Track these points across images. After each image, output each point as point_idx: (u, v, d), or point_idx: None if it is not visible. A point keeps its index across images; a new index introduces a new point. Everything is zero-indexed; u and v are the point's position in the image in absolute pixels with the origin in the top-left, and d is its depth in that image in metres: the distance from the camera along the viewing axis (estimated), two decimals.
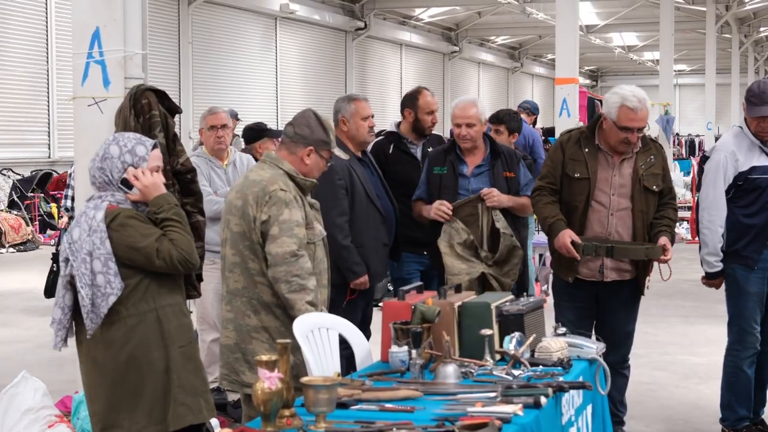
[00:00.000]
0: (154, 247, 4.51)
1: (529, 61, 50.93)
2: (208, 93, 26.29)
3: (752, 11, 36.74)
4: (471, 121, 6.82)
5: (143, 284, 4.58)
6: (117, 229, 4.51)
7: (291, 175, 5.39)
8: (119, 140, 4.69)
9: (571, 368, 4.74)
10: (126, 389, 4.55)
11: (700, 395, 8.42)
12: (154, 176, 4.67)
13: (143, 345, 4.57)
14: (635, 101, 6.33)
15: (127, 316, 4.55)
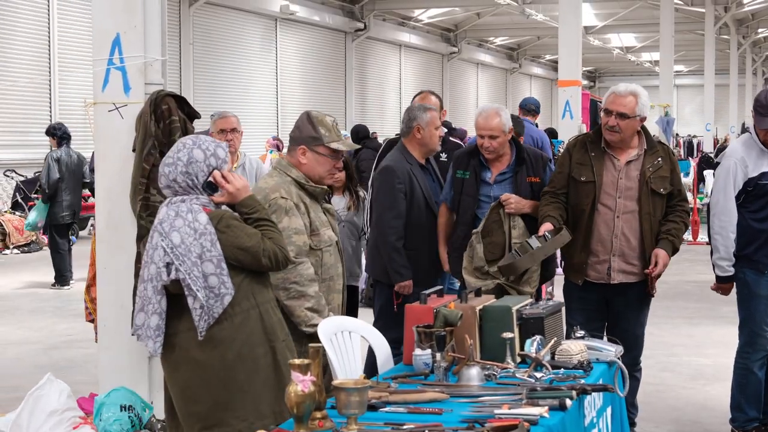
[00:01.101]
0: (261, 246, 4.60)
1: (528, 61, 51.03)
2: (209, 93, 26.35)
3: (751, 12, 36.86)
4: (494, 133, 6.67)
5: (245, 282, 4.65)
6: (224, 230, 4.58)
7: (300, 182, 5.45)
8: (200, 144, 4.70)
9: (591, 371, 4.83)
10: (234, 387, 4.60)
11: (708, 396, 8.50)
12: (242, 179, 4.74)
13: (249, 342, 4.64)
14: (622, 88, 6.52)
15: (233, 314, 4.61)
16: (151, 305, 4.59)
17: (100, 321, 6.32)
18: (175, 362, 4.68)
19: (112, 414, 5.78)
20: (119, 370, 6.19)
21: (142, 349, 6.14)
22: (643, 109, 6.50)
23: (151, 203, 5.91)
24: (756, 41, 43.42)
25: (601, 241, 6.54)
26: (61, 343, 10.97)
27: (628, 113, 6.46)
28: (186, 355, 4.63)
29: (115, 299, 6.17)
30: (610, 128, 6.50)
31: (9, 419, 5.83)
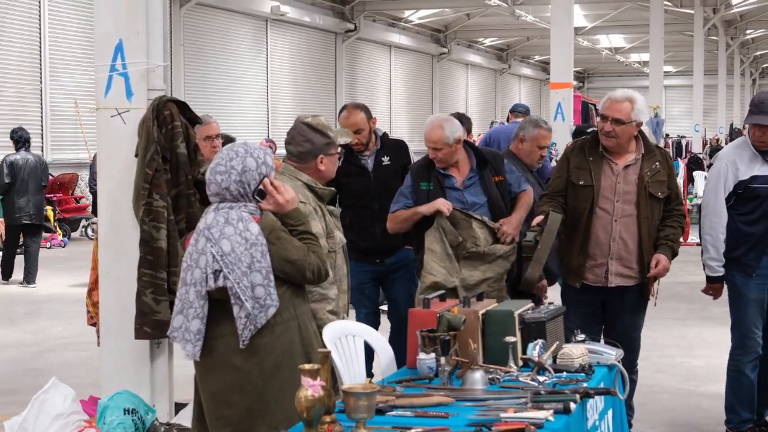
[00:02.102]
0: (306, 260, 4.66)
1: (517, 62, 51.14)
2: (200, 94, 26.36)
3: (739, 14, 37.03)
4: (437, 146, 6.58)
5: (287, 294, 4.70)
6: (274, 242, 4.62)
7: (310, 186, 5.51)
8: (251, 152, 4.72)
9: (593, 374, 4.90)
10: (269, 395, 4.64)
11: (702, 397, 8.57)
12: (291, 191, 4.78)
13: (288, 352, 4.68)
14: (619, 94, 6.59)
15: (274, 324, 4.65)
16: (193, 309, 4.62)
17: (103, 325, 6.35)
18: (212, 366, 4.70)
19: (116, 417, 5.81)
20: (122, 374, 6.21)
21: (145, 353, 6.20)
22: (639, 115, 6.55)
23: (153, 208, 5.94)
24: (744, 42, 43.61)
25: (599, 244, 6.61)
26: (57, 346, 11.00)
27: (624, 119, 6.51)
28: (224, 359, 4.66)
29: (117, 303, 6.20)
30: (606, 133, 6.57)
31: (15, 423, 5.86)
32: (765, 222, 6.91)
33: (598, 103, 17.41)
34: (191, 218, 6.02)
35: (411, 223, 6.70)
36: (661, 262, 6.54)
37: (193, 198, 6.15)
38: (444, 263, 6.49)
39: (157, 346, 6.22)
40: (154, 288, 5.92)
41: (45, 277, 16.03)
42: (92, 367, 9.47)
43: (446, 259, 6.50)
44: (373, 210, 7.23)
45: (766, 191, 6.88)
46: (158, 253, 5.92)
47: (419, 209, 6.59)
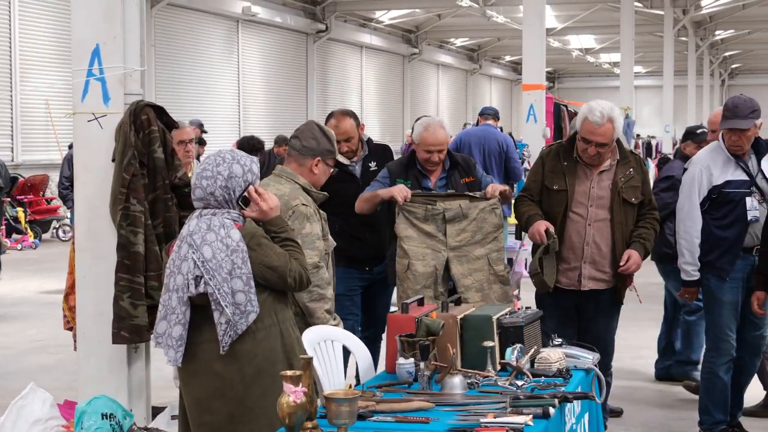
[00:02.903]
0: (288, 266, 4.68)
1: (488, 62, 51.25)
2: (171, 95, 26.28)
3: (708, 15, 37.24)
4: (442, 147, 6.74)
5: (268, 300, 4.73)
6: (255, 248, 4.66)
7: (306, 189, 5.64)
8: (237, 159, 4.77)
9: (570, 378, 4.94)
10: (251, 401, 4.69)
11: (676, 398, 8.64)
12: (275, 198, 4.80)
13: (269, 358, 4.72)
14: (598, 117, 6.43)
15: (255, 330, 4.69)
16: (175, 315, 4.66)
17: (79, 329, 6.34)
18: (194, 372, 4.75)
19: (94, 422, 5.80)
20: (99, 379, 6.20)
21: (122, 357, 6.19)
22: (619, 130, 6.55)
23: (131, 213, 5.93)
24: (713, 43, 43.87)
25: (572, 248, 6.65)
26: (31, 349, 10.96)
27: (608, 142, 6.53)
28: (206, 366, 4.71)
29: (94, 308, 6.19)
30: (590, 156, 6.58)
31: None
32: (739, 226, 6.97)
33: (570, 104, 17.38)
34: (168, 223, 6.03)
35: (371, 204, 6.80)
36: (632, 257, 6.58)
37: (170, 203, 6.15)
38: (426, 242, 6.57)
39: (135, 351, 6.21)
40: (132, 293, 5.91)
41: (16, 279, 15.96)
42: (67, 371, 9.45)
43: (426, 237, 6.57)
44: (362, 218, 7.22)
45: (739, 196, 6.95)
46: (136, 258, 5.92)
47: (378, 192, 6.71)
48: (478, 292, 6.55)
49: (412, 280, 6.51)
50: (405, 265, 6.55)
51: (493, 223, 6.61)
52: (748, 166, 7.01)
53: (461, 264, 6.56)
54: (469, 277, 6.55)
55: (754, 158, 7.05)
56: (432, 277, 6.52)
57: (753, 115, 6.86)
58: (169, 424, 6.36)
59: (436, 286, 6.53)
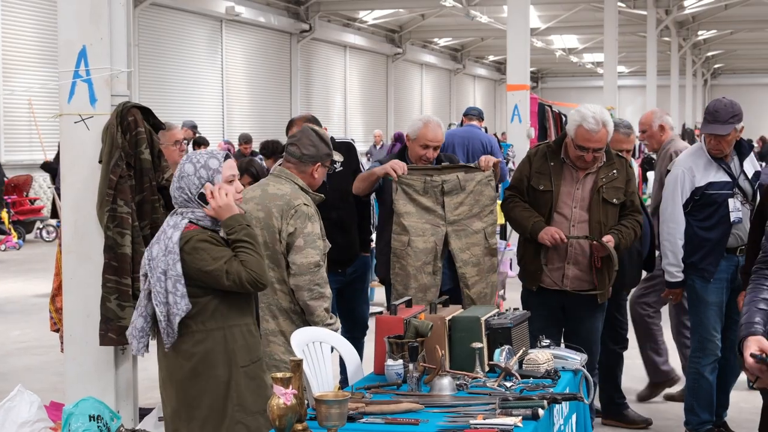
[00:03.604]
0: (224, 269, 4.66)
1: (471, 62, 51.28)
2: (155, 95, 26.22)
3: (691, 15, 37.35)
4: (439, 144, 6.84)
5: (213, 303, 4.75)
6: (189, 252, 4.68)
7: (305, 190, 5.77)
8: (192, 158, 4.84)
9: (559, 379, 4.96)
10: (186, 399, 4.76)
11: (661, 398, 8.67)
12: (228, 197, 4.78)
13: (207, 360, 4.75)
14: (593, 123, 6.43)
15: (195, 331, 4.74)
16: (141, 308, 4.81)
17: (66, 331, 6.33)
18: (159, 365, 4.92)
19: (81, 424, 5.80)
20: (86, 380, 6.20)
21: (109, 359, 6.20)
22: (611, 132, 6.58)
23: (117, 214, 5.93)
24: (696, 43, 43.99)
25: (556, 248, 6.66)
26: (16, 350, 10.93)
27: (604, 146, 6.57)
28: (161, 360, 4.88)
29: (81, 309, 6.19)
30: (586, 162, 6.58)
31: None
32: (722, 227, 7.01)
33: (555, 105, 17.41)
34: (156, 224, 6.02)
35: (368, 183, 6.87)
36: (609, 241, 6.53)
37: (157, 204, 6.16)
38: (425, 218, 6.61)
39: (122, 352, 6.22)
40: (119, 294, 5.92)
41: (0, 279, 15.91)
42: (52, 372, 9.43)
43: (425, 212, 6.60)
44: (332, 219, 7.21)
45: (722, 197, 6.99)
46: (123, 259, 5.92)
47: (375, 170, 6.77)
48: (475, 266, 6.64)
49: (412, 257, 6.57)
50: (404, 242, 6.60)
51: (489, 195, 6.70)
52: (731, 168, 7.04)
53: (459, 239, 6.63)
54: (467, 251, 6.63)
55: (737, 159, 7.09)
56: (432, 253, 6.59)
57: (733, 120, 6.89)
58: (156, 426, 6.36)
59: (436, 261, 6.61)
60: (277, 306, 5.67)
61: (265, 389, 4.82)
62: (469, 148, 11.59)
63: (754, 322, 3.76)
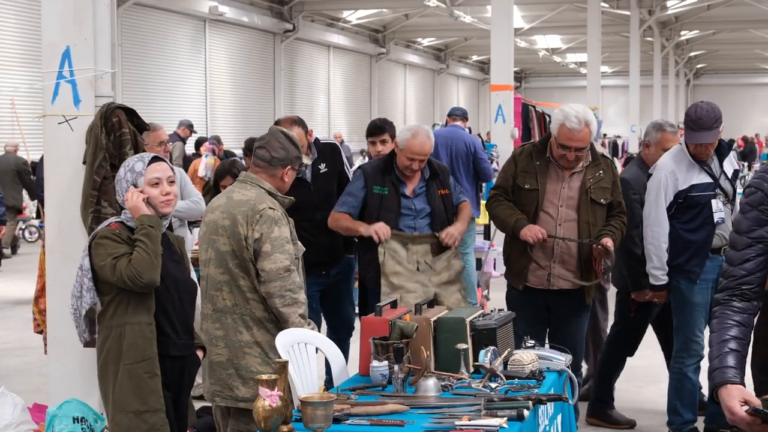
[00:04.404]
0: (112, 264, 4.72)
1: (455, 62, 51.33)
2: (138, 95, 26.14)
3: (674, 15, 37.47)
4: (425, 157, 6.80)
5: (116, 301, 4.80)
6: (93, 247, 4.81)
7: (272, 193, 5.57)
8: (126, 163, 4.97)
9: (543, 380, 4.97)
10: (102, 392, 4.95)
11: (644, 398, 8.69)
12: (137, 199, 4.83)
13: (107, 357, 4.83)
14: (575, 122, 6.46)
15: (101, 328, 4.85)
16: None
17: (50, 332, 6.32)
18: None
19: (65, 426, 5.78)
20: (70, 382, 6.19)
21: (93, 361, 6.15)
22: (594, 132, 6.60)
23: (102, 215, 5.92)
24: (679, 43, 44.13)
25: (542, 247, 6.68)
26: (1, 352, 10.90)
27: (586, 146, 6.58)
28: None
29: (65, 310, 6.11)
30: (569, 161, 6.60)
31: None
32: (706, 228, 7.04)
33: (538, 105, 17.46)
34: None
35: (349, 234, 6.95)
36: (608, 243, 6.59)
37: None
38: (415, 277, 6.66)
39: None
40: None
41: None
42: (36, 374, 9.40)
43: (413, 274, 6.66)
44: (316, 221, 7.20)
45: (705, 199, 7.02)
46: None
47: (360, 228, 6.77)
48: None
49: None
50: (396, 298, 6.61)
51: (457, 268, 6.84)
52: (711, 169, 7.07)
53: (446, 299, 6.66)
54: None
55: (716, 160, 7.12)
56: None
57: (717, 124, 6.93)
58: None
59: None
60: (250, 316, 5.44)
61: (144, 390, 4.77)
62: (453, 148, 11.58)
63: (728, 366, 3.58)
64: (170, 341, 4.91)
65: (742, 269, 3.72)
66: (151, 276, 4.71)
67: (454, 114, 13.24)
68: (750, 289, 3.73)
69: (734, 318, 3.70)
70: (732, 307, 3.73)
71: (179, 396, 5.02)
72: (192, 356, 5.09)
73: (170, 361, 4.91)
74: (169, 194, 4.90)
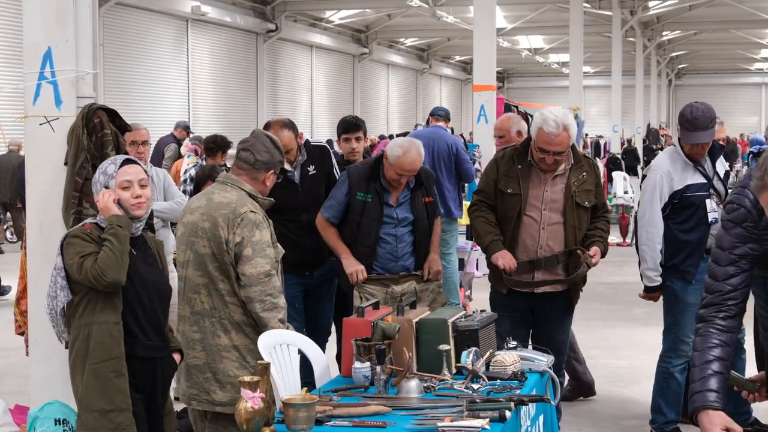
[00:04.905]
0: (79, 263, 4.72)
1: (438, 62, 51.37)
2: (120, 96, 26.08)
3: (656, 16, 37.59)
4: (414, 173, 6.85)
5: (85, 300, 4.80)
6: (65, 246, 4.85)
7: (253, 195, 5.55)
8: (101, 165, 5.02)
9: (526, 381, 4.98)
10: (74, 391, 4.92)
11: (626, 398, 8.72)
12: (107, 200, 4.84)
13: (77, 357, 4.83)
14: (553, 126, 6.44)
15: (72, 328, 4.87)
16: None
17: (31, 334, 6.29)
18: None
19: (47, 428, 5.77)
20: (52, 384, 6.15)
21: None
22: (573, 136, 6.59)
23: (83, 217, 5.89)
24: (660, 44, 44.27)
25: (526, 251, 6.68)
26: None
27: (565, 150, 6.58)
28: None
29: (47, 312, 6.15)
30: (547, 165, 6.61)
31: None
32: (701, 229, 7.06)
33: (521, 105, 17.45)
34: None
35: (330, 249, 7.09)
36: (598, 254, 6.64)
37: None
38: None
39: None
40: None
41: None
42: (17, 375, 9.37)
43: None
44: (302, 222, 7.21)
45: (700, 199, 7.04)
46: None
47: (342, 257, 6.93)
48: None
49: None
50: None
51: (441, 303, 6.94)
52: (705, 169, 7.10)
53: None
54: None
55: (709, 160, 7.14)
56: None
57: (712, 124, 6.96)
58: None
59: None
60: (228, 320, 5.41)
61: (110, 390, 4.74)
62: (435, 149, 11.59)
63: (710, 390, 3.56)
64: (138, 342, 4.85)
65: (728, 284, 3.73)
66: (115, 275, 4.68)
67: (436, 114, 13.25)
68: (735, 305, 3.74)
69: (719, 338, 3.70)
70: (716, 325, 3.73)
71: (153, 398, 4.97)
72: (166, 359, 5.04)
73: (139, 362, 4.86)
74: (140, 197, 4.86)
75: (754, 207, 3.70)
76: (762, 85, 57.11)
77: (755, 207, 3.70)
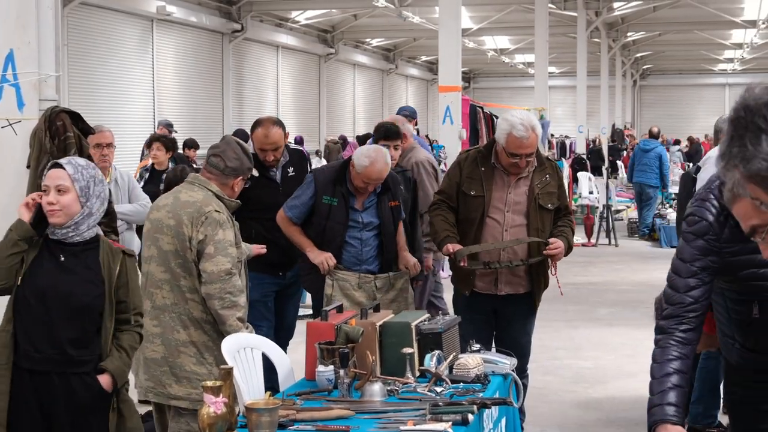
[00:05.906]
0: None
1: (404, 62, 51.40)
2: (84, 96, 25.96)
3: (620, 17, 37.78)
4: (380, 181, 6.88)
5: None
6: None
7: (219, 196, 5.64)
8: None
9: (489, 384, 5.00)
10: None
11: (590, 399, 8.76)
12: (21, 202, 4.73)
13: None
14: (522, 130, 6.48)
15: None
16: None
17: None
18: None
19: None
20: None
21: None
22: (540, 135, 6.64)
23: None
24: (625, 44, 44.46)
25: (489, 253, 6.70)
26: None
27: (534, 150, 6.62)
28: None
29: None
30: (520, 168, 6.64)
31: None
32: None
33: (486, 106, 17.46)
34: None
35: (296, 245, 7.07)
36: (558, 244, 6.64)
37: None
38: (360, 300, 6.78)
39: None
40: None
41: None
42: None
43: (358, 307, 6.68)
44: None
45: None
46: None
47: (306, 250, 6.94)
48: None
49: None
50: None
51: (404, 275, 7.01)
52: None
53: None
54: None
55: None
56: None
57: None
58: None
59: None
60: (188, 316, 5.51)
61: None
62: None
63: (669, 404, 3.54)
64: (20, 352, 4.57)
65: (689, 296, 3.73)
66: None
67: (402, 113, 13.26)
68: (696, 317, 3.74)
69: (679, 350, 3.70)
70: (676, 337, 3.73)
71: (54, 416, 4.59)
72: (76, 376, 4.61)
73: (28, 375, 4.57)
74: (52, 204, 4.56)
75: (716, 219, 3.71)
76: (726, 86, 57.39)
77: (717, 219, 3.71)
